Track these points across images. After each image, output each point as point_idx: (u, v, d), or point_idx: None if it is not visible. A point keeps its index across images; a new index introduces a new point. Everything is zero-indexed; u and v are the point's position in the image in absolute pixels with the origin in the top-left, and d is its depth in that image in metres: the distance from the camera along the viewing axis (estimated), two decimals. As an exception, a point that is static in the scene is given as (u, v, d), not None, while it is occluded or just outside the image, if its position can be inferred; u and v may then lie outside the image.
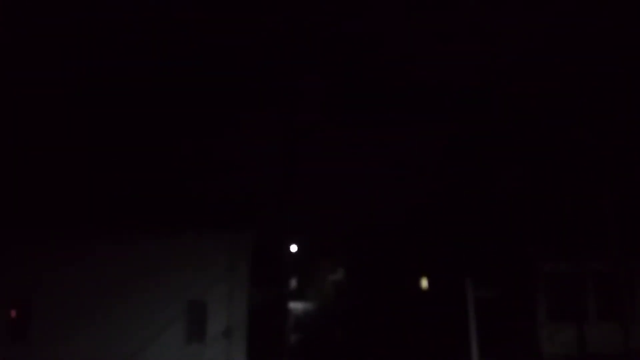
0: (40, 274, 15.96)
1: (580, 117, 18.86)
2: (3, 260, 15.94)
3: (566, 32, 17.60)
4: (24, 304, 15.89)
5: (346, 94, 21.85)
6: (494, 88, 19.65)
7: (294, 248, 30.91)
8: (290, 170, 20.63)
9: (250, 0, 19.40)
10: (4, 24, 17.57)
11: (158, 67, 19.73)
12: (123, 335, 15.86)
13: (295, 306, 37.71)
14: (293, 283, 45.64)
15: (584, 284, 18.02)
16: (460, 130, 20.83)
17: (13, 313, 15.91)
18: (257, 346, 17.31)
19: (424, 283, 25.69)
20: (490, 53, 18.95)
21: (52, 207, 16.99)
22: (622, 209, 18.30)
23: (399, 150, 23.06)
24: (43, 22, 18.31)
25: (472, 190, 21.61)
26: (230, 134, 20.57)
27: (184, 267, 16.44)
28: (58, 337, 15.63)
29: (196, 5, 19.13)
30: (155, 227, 16.89)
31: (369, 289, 31.43)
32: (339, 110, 22.15)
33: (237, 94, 21.20)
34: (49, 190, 17.51)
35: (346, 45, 20.61)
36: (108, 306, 15.94)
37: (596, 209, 18.39)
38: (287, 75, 21.11)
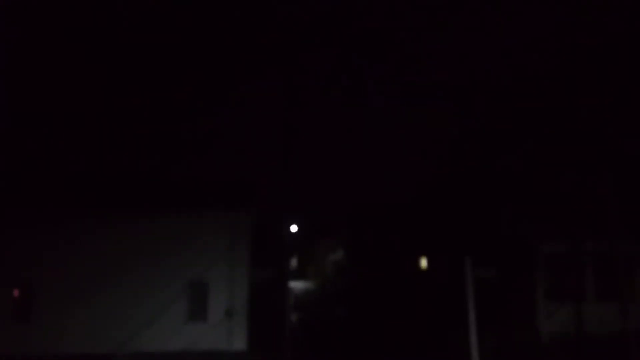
0: (42, 255, 16.04)
1: (579, 97, 18.74)
2: (4, 241, 16.00)
3: (569, 15, 17.43)
4: (26, 284, 15.99)
5: (349, 72, 21.70)
6: (493, 69, 19.51)
7: (294, 228, 31.01)
8: (290, 150, 20.57)
9: None
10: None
11: (155, 46, 19.56)
12: (125, 315, 16.00)
13: (296, 285, 38.00)
14: (293, 262, 45.96)
15: (582, 264, 18.10)
16: (460, 112, 20.74)
17: (16, 293, 16.01)
18: (257, 325, 17.48)
19: (424, 263, 25.81)
20: (491, 36, 18.80)
21: (53, 188, 17.00)
22: (621, 190, 18.28)
23: (399, 131, 23.00)
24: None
25: (472, 171, 21.59)
26: (229, 114, 20.50)
27: (185, 248, 16.52)
28: (60, 317, 15.78)
29: None
30: (155, 208, 16.93)
31: (369, 268, 31.59)
32: (339, 89, 22.03)
33: (236, 72, 21.06)
34: (50, 171, 17.51)
35: (350, 22, 20.41)
36: (110, 286, 16.05)
37: (595, 190, 18.37)
38: (287, 52, 20.93)
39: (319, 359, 15.91)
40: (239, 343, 16.29)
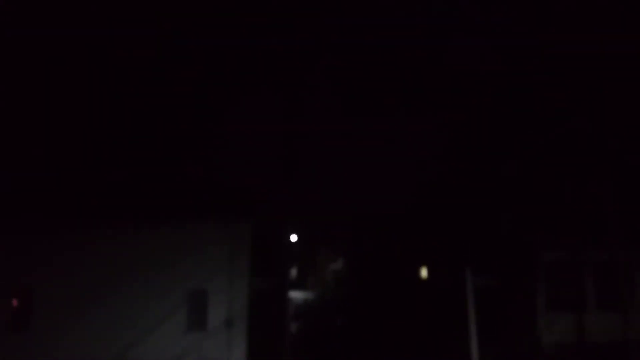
0: (41, 264, 16.01)
1: (579, 106, 18.80)
2: (4, 250, 15.99)
3: (570, 23, 17.51)
4: (25, 293, 15.96)
5: (348, 83, 21.78)
6: (493, 77, 19.57)
7: (294, 237, 31.00)
8: (291, 159, 20.61)
9: None
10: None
11: (155, 57, 19.63)
12: (124, 324, 15.94)
13: (296, 295, 37.86)
14: (293, 272, 45.81)
15: (583, 273, 18.08)
16: (461, 120, 20.78)
17: (15, 302, 15.97)
18: (257, 335, 17.41)
19: (424, 272, 25.76)
20: (489, 42, 18.87)
21: (53, 196, 16.99)
22: (621, 199, 18.30)
23: (398, 139, 23.03)
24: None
25: (472, 180, 21.61)
26: (230, 123, 20.51)
27: (185, 257, 16.49)
28: (60, 327, 15.71)
29: None
30: (155, 217, 16.92)
31: (369, 278, 31.51)
32: (340, 99, 22.10)
33: (237, 81, 21.11)
34: (51, 180, 17.51)
35: (348, 35, 20.50)
36: (109, 295, 16.01)
37: (596, 198, 18.39)
38: (288, 63, 21.01)
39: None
40: (238, 353, 16.22)
